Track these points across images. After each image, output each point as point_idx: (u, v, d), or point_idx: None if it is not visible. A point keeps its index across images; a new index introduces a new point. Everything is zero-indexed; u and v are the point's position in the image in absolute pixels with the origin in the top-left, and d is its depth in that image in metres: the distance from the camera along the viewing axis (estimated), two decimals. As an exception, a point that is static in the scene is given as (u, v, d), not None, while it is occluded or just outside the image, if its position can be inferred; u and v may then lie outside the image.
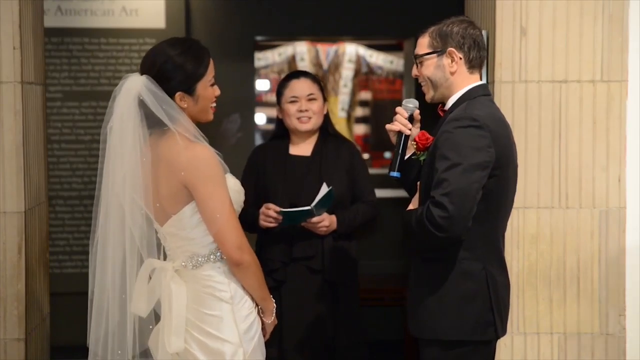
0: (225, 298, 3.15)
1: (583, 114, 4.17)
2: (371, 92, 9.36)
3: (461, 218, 3.01)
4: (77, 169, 6.55)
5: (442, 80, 3.29)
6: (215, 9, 6.70)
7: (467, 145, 3.06)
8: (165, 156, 3.11)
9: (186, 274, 3.17)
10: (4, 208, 4.13)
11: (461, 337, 3.18)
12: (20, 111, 4.13)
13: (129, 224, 3.12)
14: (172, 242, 3.18)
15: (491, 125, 3.14)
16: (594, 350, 4.19)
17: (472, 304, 3.18)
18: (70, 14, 6.51)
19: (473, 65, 3.29)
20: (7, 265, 4.14)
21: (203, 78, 3.18)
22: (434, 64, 3.29)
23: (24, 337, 4.16)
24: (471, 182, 3.03)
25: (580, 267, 4.19)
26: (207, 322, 3.13)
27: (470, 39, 3.27)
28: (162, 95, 3.10)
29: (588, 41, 4.16)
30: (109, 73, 6.55)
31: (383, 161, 8.92)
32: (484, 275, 3.19)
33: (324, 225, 4.28)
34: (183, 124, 3.12)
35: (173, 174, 3.08)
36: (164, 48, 3.18)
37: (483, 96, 3.28)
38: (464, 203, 3.01)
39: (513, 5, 4.14)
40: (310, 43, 8.91)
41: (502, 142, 3.17)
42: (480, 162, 3.06)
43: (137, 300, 3.16)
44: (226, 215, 3.08)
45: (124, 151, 3.11)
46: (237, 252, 3.10)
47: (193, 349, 3.13)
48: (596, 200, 4.18)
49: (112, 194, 3.14)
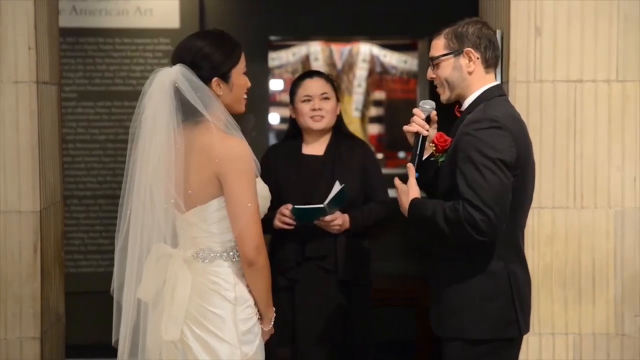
0: (230, 298, 3.14)
1: (598, 113, 4.16)
2: (385, 91, 9.35)
3: (500, 221, 3.07)
4: (92, 168, 6.57)
5: (460, 81, 3.30)
6: (229, 8, 6.70)
7: (491, 146, 3.09)
8: (200, 145, 3.11)
9: (195, 266, 3.16)
10: (20, 207, 4.14)
11: (485, 335, 3.20)
12: (35, 111, 4.15)
13: (160, 211, 3.11)
14: (189, 231, 3.17)
15: (510, 125, 3.17)
16: (610, 350, 4.18)
17: (494, 302, 3.20)
18: (85, 14, 6.53)
19: (489, 64, 3.32)
20: (22, 264, 4.15)
21: (237, 65, 3.20)
22: (451, 65, 3.31)
23: (40, 336, 4.17)
24: (503, 183, 3.08)
25: (595, 267, 4.18)
26: (208, 319, 3.12)
27: (486, 39, 3.30)
28: (198, 82, 3.12)
29: (603, 41, 4.15)
30: (124, 73, 6.56)
31: (397, 161, 8.91)
32: (506, 274, 3.21)
33: (337, 224, 4.28)
34: (217, 113, 3.13)
35: (207, 164, 3.09)
36: (196, 37, 3.22)
37: (499, 97, 3.30)
38: (501, 206, 3.07)
39: (528, 5, 4.13)
40: (324, 43, 8.91)
41: (521, 142, 3.20)
42: (505, 162, 3.10)
43: (145, 285, 3.16)
44: (251, 213, 3.09)
45: (158, 139, 3.10)
46: (254, 251, 3.10)
47: (190, 341, 3.11)
48: (611, 200, 4.17)
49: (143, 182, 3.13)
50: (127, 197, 3.18)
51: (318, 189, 4.36)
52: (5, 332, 4.15)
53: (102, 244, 6.53)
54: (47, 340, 4.28)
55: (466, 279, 3.21)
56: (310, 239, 4.35)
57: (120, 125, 6.54)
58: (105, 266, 6.46)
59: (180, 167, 3.10)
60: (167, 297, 3.14)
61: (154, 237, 3.15)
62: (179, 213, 3.16)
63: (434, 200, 3.23)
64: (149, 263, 3.16)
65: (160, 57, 6.51)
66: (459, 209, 3.08)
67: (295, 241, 4.36)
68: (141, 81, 6.43)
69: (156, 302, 3.17)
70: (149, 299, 3.16)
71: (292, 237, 4.34)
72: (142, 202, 3.14)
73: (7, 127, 4.13)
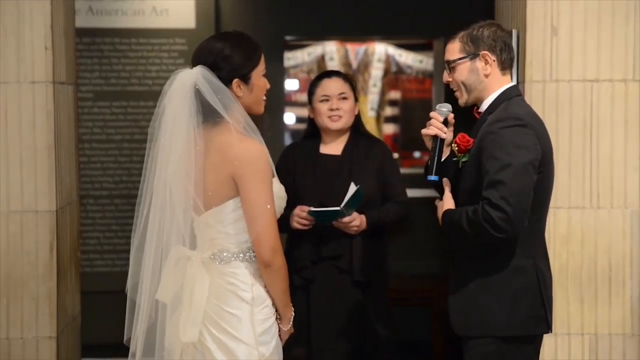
0: (247, 298, 3.14)
1: (615, 113, 4.14)
2: (400, 91, 9.36)
3: (519, 218, 3.06)
4: (108, 168, 6.59)
5: (477, 84, 3.31)
6: (245, 8, 6.71)
7: (515, 145, 3.10)
8: (218, 146, 3.11)
9: (212, 267, 3.17)
10: (36, 207, 4.16)
11: (514, 332, 3.21)
12: (51, 111, 4.16)
13: (179, 212, 3.12)
14: (206, 233, 3.18)
15: (533, 123, 3.20)
16: (626, 351, 4.16)
17: (524, 299, 3.21)
18: (101, 14, 6.55)
19: (505, 66, 3.32)
20: (39, 263, 4.17)
21: (258, 66, 3.21)
22: (468, 68, 3.31)
23: (56, 335, 4.19)
24: (525, 182, 3.08)
25: (611, 268, 4.16)
26: (226, 320, 3.12)
27: (501, 41, 3.31)
28: (218, 84, 3.12)
29: (620, 40, 4.13)
30: (140, 73, 6.58)
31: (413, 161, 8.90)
32: (534, 271, 3.23)
33: (355, 225, 4.28)
34: (236, 115, 3.14)
35: (224, 165, 3.09)
36: (217, 38, 3.22)
37: (518, 97, 3.32)
38: (521, 203, 3.06)
39: (544, 5, 4.12)
40: (340, 43, 8.91)
41: (544, 140, 3.22)
42: (530, 160, 3.10)
43: (164, 286, 3.16)
44: (268, 215, 3.09)
45: (178, 141, 3.10)
46: (270, 253, 3.10)
47: (208, 343, 3.12)
48: (628, 200, 4.16)
49: (162, 183, 3.13)
50: (144, 197, 3.19)
51: (335, 189, 4.35)
52: (21, 332, 4.17)
53: (118, 244, 6.54)
54: (63, 339, 4.29)
55: (494, 276, 3.22)
56: (327, 239, 4.35)
57: (136, 125, 6.56)
58: (120, 266, 6.48)
59: (199, 169, 3.11)
60: (185, 299, 3.15)
61: (172, 238, 3.15)
62: (196, 215, 3.16)
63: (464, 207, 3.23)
64: (168, 265, 3.16)
65: (175, 57, 6.52)
66: (477, 210, 3.08)
67: (311, 240, 4.36)
68: (157, 81, 6.46)
69: (175, 304, 3.18)
70: (167, 300, 3.17)
71: (308, 237, 4.34)
72: (160, 203, 3.15)
73: (24, 127, 4.15)
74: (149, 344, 3.18)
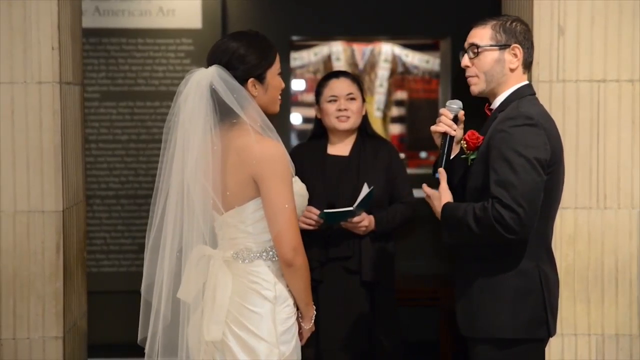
0: (269, 297, 3.15)
1: (622, 113, 4.14)
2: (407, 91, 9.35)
3: (531, 219, 3.04)
4: (115, 168, 6.60)
5: (499, 75, 3.27)
6: (251, 9, 6.72)
7: (525, 144, 3.07)
8: (236, 147, 3.12)
9: (235, 266, 3.18)
10: (43, 207, 4.16)
11: (517, 335, 3.18)
12: (58, 111, 4.16)
13: (198, 212, 3.12)
14: (227, 232, 3.19)
15: (544, 123, 3.16)
16: (632, 351, 4.15)
17: (526, 302, 3.18)
18: (108, 14, 6.56)
19: (526, 65, 3.30)
20: (45, 263, 4.17)
21: (273, 66, 3.22)
22: (495, 58, 3.26)
23: (62, 335, 4.19)
24: (535, 182, 3.06)
25: (618, 268, 4.15)
26: (248, 318, 3.13)
27: (529, 41, 3.29)
28: (234, 83, 3.13)
29: (627, 40, 4.12)
30: (146, 73, 6.59)
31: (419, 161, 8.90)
32: (538, 273, 3.20)
33: (363, 225, 4.28)
34: (252, 114, 3.14)
35: (244, 165, 3.10)
36: (232, 38, 3.23)
37: (530, 95, 3.29)
38: (532, 204, 3.04)
39: (551, 5, 4.12)
40: (346, 43, 8.91)
41: (554, 140, 3.19)
42: (540, 160, 3.08)
43: (186, 285, 3.17)
44: (288, 215, 3.10)
45: (195, 140, 3.11)
46: (291, 252, 3.12)
47: (230, 341, 3.13)
48: (635, 201, 4.15)
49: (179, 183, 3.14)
50: (159, 197, 3.19)
51: (343, 189, 4.36)
52: (28, 332, 4.17)
53: (124, 244, 6.55)
54: (70, 339, 4.30)
55: (498, 279, 3.19)
56: (335, 240, 4.35)
57: (142, 125, 6.57)
58: (127, 266, 6.49)
59: (217, 169, 3.11)
60: (208, 298, 3.16)
61: (193, 238, 3.16)
62: (217, 214, 3.17)
63: (466, 203, 3.20)
64: (190, 265, 3.17)
65: (182, 57, 6.53)
66: (487, 208, 3.06)
67: (320, 241, 4.36)
68: (163, 82, 6.46)
69: (197, 303, 3.18)
70: (189, 299, 3.17)
71: (316, 238, 4.34)
72: (177, 203, 3.15)
73: (31, 127, 4.15)
74: (167, 344, 3.19)
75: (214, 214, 3.18)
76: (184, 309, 3.18)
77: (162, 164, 3.20)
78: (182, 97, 3.15)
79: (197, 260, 3.17)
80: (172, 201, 3.16)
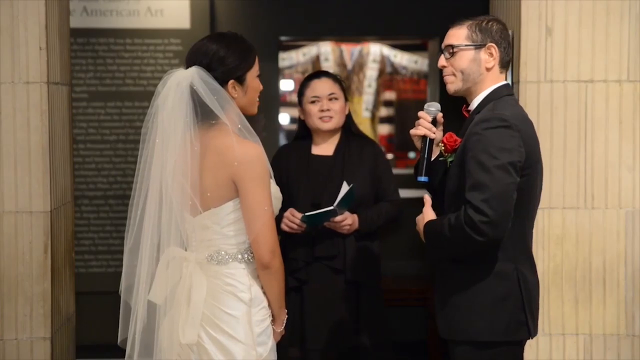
0: (245, 299, 3.15)
1: (609, 114, 4.15)
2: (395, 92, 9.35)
3: (502, 221, 3.01)
4: (103, 169, 6.58)
5: (476, 75, 3.26)
6: (239, 9, 6.71)
7: (498, 146, 3.05)
8: (216, 148, 3.11)
9: (209, 268, 3.16)
10: (30, 208, 4.15)
11: (495, 337, 3.16)
12: (46, 111, 4.16)
13: (176, 213, 3.11)
14: (201, 234, 3.17)
15: (519, 124, 3.14)
16: (620, 351, 4.17)
17: (504, 304, 3.16)
18: (96, 14, 6.54)
19: (504, 65, 3.29)
20: (33, 264, 4.16)
21: (252, 68, 3.22)
22: (471, 57, 3.26)
23: (50, 336, 4.18)
24: (507, 184, 3.03)
25: (606, 268, 4.17)
26: (223, 320, 3.12)
27: (506, 41, 3.28)
28: (214, 84, 3.12)
29: (614, 41, 4.14)
30: (134, 73, 6.57)
31: (407, 161, 8.91)
32: (516, 276, 3.17)
33: (347, 224, 4.27)
34: (232, 115, 3.14)
35: (224, 166, 3.09)
36: (212, 40, 3.22)
37: (507, 96, 3.26)
38: (504, 206, 3.01)
39: (539, 5, 4.13)
40: (335, 43, 8.92)
41: (531, 142, 3.17)
42: (513, 162, 3.05)
43: (156, 287, 3.15)
44: (267, 217, 3.10)
45: (174, 141, 3.10)
46: (269, 255, 3.12)
47: (206, 343, 3.12)
48: (622, 201, 4.16)
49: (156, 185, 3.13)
50: (138, 199, 3.19)
51: (328, 189, 4.35)
52: (15, 332, 4.16)
53: (113, 244, 6.54)
54: (58, 340, 4.29)
55: (476, 281, 3.17)
56: (320, 240, 4.35)
57: (130, 125, 6.56)
58: (115, 266, 6.47)
59: (196, 169, 3.11)
60: (182, 301, 3.15)
61: (170, 239, 3.14)
62: (190, 216, 3.16)
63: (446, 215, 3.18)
64: (161, 266, 3.16)
65: (170, 57, 6.52)
66: (459, 214, 3.04)
67: (305, 242, 4.36)
68: (152, 82, 6.45)
69: (169, 305, 3.17)
70: (160, 301, 3.16)
71: (301, 238, 4.34)
72: (156, 204, 3.14)
73: (18, 127, 4.14)
74: (145, 345, 3.18)
75: (185, 216, 3.15)
76: (158, 310, 3.17)
77: (140, 164, 3.19)
78: (160, 97, 3.13)
79: (167, 262, 3.15)
80: (150, 202, 3.15)
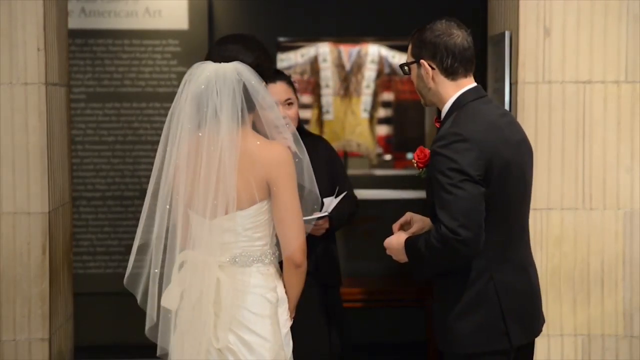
0: (272, 300, 3.14)
1: (607, 114, 4.15)
2: (394, 93, 9.34)
3: (475, 235, 2.94)
4: (101, 169, 6.58)
5: (425, 90, 3.16)
6: (238, 10, 6.71)
7: (452, 167, 2.95)
8: (246, 149, 3.05)
9: (232, 270, 3.11)
10: (29, 209, 4.15)
11: (474, 349, 3.08)
12: (44, 112, 4.16)
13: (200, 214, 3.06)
14: (225, 236, 3.11)
15: (477, 134, 3.00)
16: (618, 352, 4.17)
17: (480, 313, 3.06)
18: (94, 15, 6.54)
19: (450, 72, 3.11)
20: (31, 265, 4.16)
21: None
22: (415, 74, 3.18)
23: (48, 337, 4.18)
24: (472, 197, 2.94)
25: (604, 269, 4.17)
26: (252, 321, 3.10)
27: (443, 47, 3.11)
28: (261, 82, 3.09)
29: (612, 41, 4.14)
30: (132, 74, 6.57)
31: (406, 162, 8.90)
32: (492, 283, 3.06)
33: (324, 227, 4.21)
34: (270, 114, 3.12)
35: (255, 168, 3.05)
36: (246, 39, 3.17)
37: (475, 100, 3.11)
38: (473, 221, 2.93)
39: (537, 6, 4.13)
40: (333, 44, 8.90)
41: (491, 148, 3.01)
42: (472, 176, 2.95)
43: (169, 292, 3.10)
44: (299, 216, 3.12)
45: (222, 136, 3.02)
46: (301, 254, 3.14)
47: (234, 345, 3.08)
48: (620, 201, 4.16)
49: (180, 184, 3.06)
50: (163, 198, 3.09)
51: None
52: (14, 333, 4.16)
53: (111, 245, 6.53)
54: (56, 341, 4.29)
55: (453, 292, 3.10)
56: None
57: (129, 126, 6.55)
58: (113, 267, 6.47)
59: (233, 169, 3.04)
60: (207, 305, 3.07)
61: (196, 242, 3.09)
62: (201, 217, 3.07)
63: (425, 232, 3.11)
64: (174, 271, 3.10)
65: (169, 58, 6.51)
66: (432, 234, 2.97)
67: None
68: (150, 82, 6.45)
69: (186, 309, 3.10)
70: (173, 307, 3.11)
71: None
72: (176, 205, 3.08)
73: (17, 128, 4.14)
74: None
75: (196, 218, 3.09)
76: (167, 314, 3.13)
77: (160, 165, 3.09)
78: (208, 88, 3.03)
79: (179, 265, 3.10)
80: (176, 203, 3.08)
